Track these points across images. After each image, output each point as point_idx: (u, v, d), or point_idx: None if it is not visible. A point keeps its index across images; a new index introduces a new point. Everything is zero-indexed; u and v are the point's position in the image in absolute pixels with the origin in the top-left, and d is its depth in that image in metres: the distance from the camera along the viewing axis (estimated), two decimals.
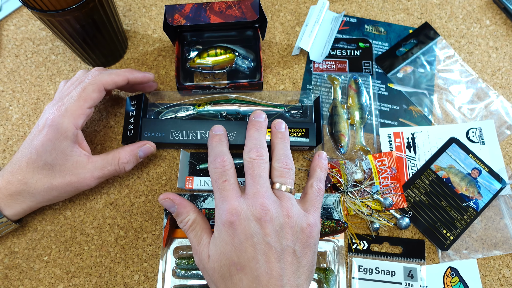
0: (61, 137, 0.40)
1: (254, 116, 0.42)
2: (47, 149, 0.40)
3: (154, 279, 0.45)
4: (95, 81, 0.42)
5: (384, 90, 0.54)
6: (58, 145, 0.40)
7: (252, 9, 0.47)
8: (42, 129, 0.40)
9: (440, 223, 0.46)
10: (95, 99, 0.42)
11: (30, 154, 0.40)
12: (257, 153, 0.38)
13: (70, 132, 0.41)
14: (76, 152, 0.42)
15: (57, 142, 0.40)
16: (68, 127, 0.40)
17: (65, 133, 0.40)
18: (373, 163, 0.48)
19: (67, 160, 0.41)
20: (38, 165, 0.40)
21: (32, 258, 0.45)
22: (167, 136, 0.46)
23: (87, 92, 0.42)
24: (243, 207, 0.35)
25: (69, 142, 0.41)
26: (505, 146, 0.51)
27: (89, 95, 0.42)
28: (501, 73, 0.55)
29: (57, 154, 0.40)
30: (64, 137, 0.40)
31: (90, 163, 0.43)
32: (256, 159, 0.38)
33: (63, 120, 0.40)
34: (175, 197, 0.41)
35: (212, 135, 0.42)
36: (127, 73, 0.45)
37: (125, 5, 0.58)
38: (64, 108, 0.40)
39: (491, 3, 0.58)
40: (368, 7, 0.58)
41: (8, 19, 0.56)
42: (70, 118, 0.40)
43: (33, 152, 0.40)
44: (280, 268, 0.34)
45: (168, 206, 0.41)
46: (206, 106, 0.49)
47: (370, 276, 0.45)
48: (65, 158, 0.41)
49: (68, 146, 0.41)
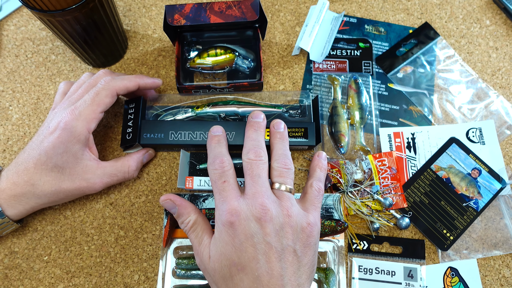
0: (74, 140, 0.41)
1: (253, 116, 0.42)
2: (58, 151, 0.40)
3: (154, 279, 0.45)
4: (109, 86, 0.43)
5: (384, 90, 0.54)
6: (70, 148, 0.41)
7: (252, 9, 0.47)
8: (53, 131, 0.40)
9: (440, 223, 0.46)
10: (108, 104, 0.43)
11: (39, 155, 0.40)
12: (256, 153, 0.38)
13: (83, 136, 0.41)
14: (87, 156, 0.42)
15: (69, 145, 0.40)
16: (81, 131, 0.41)
17: (78, 136, 0.41)
18: (373, 163, 0.48)
19: (77, 164, 0.42)
20: (47, 167, 0.40)
21: (32, 258, 0.45)
22: (166, 138, 0.46)
23: (101, 97, 0.42)
24: (242, 207, 0.35)
25: (81, 145, 0.41)
26: (505, 146, 0.51)
27: (102, 100, 0.42)
28: (501, 73, 0.55)
29: (68, 157, 0.41)
30: (77, 140, 0.41)
31: (100, 169, 0.43)
32: (255, 160, 0.38)
33: (77, 124, 0.40)
34: (176, 198, 0.41)
35: (211, 136, 0.42)
36: (138, 79, 0.46)
37: (125, 5, 0.58)
38: (78, 112, 0.41)
39: (491, 3, 0.58)
40: (368, 7, 0.58)
41: (8, 19, 0.56)
42: (83, 122, 0.41)
43: (43, 153, 0.40)
44: (281, 268, 0.34)
45: (169, 207, 0.41)
46: (204, 108, 0.49)
47: (370, 276, 0.45)
48: (76, 161, 0.41)
49: (80, 150, 0.41)
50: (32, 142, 0.41)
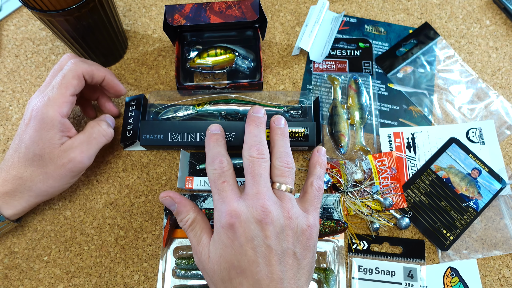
0: (47, 127, 0.40)
1: (253, 111, 0.41)
2: (34, 140, 0.40)
3: (154, 279, 0.45)
4: (75, 67, 0.42)
5: (384, 90, 0.54)
6: (45, 135, 0.40)
7: (252, 9, 0.47)
8: (28, 122, 0.40)
9: (440, 223, 0.46)
10: (76, 86, 0.42)
11: (20, 148, 0.40)
12: (258, 151, 0.37)
13: (56, 121, 0.40)
14: (64, 139, 0.42)
15: (43, 132, 0.40)
16: (53, 116, 0.40)
17: (50, 122, 0.40)
18: (373, 163, 0.48)
19: (54, 148, 0.41)
20: (28, 157, 0.40)
21: (32, 258, 0.45)
22: (166, 139, 0.46)
23: (67, 79, 0.41)
24: (243, 208, 0.35)
25: (56, 131, 0.41)
26: (505, 146, 0.51)
27: (69, 81, 0.41)
28: (501, 73, 0.55)
29: (44, 143, 0.40)
30: (51, 126, 0.40)
31: (75, 141, 0.42)
32: (257, 158, 0.37)
33: (47, 110, 0.40)
34: (175, 195, 0.40)
35: (209, 134, 0.41)
36: (107, 72, 0.45)
37: (125, 5, 0.58)
38: (47, 98, 0.40)
39: (491, 3, 0.58)
40: (368, 7, 0.58)
41: (8, 19, 0.56)
42: (54, 107, 0.40)
43: (22, 146, 0.40)
44: (280, 271, 0.33)
45: (168, 204, 0.40)
46: (205, 106, 0.49)
47: (370, 276, 0.45)
48: (52, 146, 0.41)
49: (56, 135, 0.41)
50: (15, 137, 0.42)
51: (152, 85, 0.53)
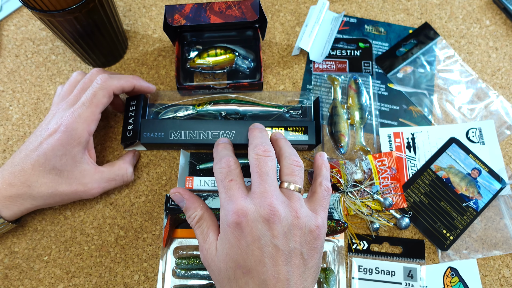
0: (74, 143, 0.40)
1: (253, 125, 0.43)
2: (57, 153, 0.40)
3: (154, 279, 0.45)
4: (105, 86, 0.42)
5: (384, 90, 0.54)
6: (70, 151, 0.40)
7: (252, 9, 0.47)
8: (53, 133, 0.40)
9: (440, 223, 0.46)
10: (105, 104, 0.42)
11: (37, 157, 0.39)
12: (264, 149, 0.37)
13: (83, 138, 0.41)
14: (85, 159, 0.42)
15: (69, 148, 0.40)
16: (82, 133, 0.40)
17: (78, 138, 0.40)
18: (373, 163, 0.48)
19: (75, 167, 0.41)
20: (46, 169, 0.40)
21: (32, 258, 0.46)
22: (166, 137, 0.46)
23: (98, 97, 0.41)
24: (250, 207, 0.34)
25: (80, 148, 0.41)
26: (505, 146, 0.51)
27: (100, 100, 0.41)
28: (501, 73, 0.55)
29: (67, 160, 0.40)
30: (78, 143, 0.40)
31: (97, 173, 0.43)
32: (263, 156, 0.37)
33: (77, 126, 0.40)
34: (185, 192, 0.41)
35: (217, 143, 0.42)
36: (135, 81, 0.45)
37: (125, 5, 0.58)
38: (77, 114, 0.40)
39: (491, 3, 0.59)
40: (368, 7, 0.58)
41: (8, 19, 0.56)
42: (84, 125, 0.40)
43: (41, 155, 0.39)
44: (287, 272, 0.33)
45: (178, 200, 0.41)
46: (205, 106, 0.49)
47: (370, 276, 0.45)
48: (74, 164, 0.41)
49: (79, 153, 0.41)
50: (29, 143, 0.41)
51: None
